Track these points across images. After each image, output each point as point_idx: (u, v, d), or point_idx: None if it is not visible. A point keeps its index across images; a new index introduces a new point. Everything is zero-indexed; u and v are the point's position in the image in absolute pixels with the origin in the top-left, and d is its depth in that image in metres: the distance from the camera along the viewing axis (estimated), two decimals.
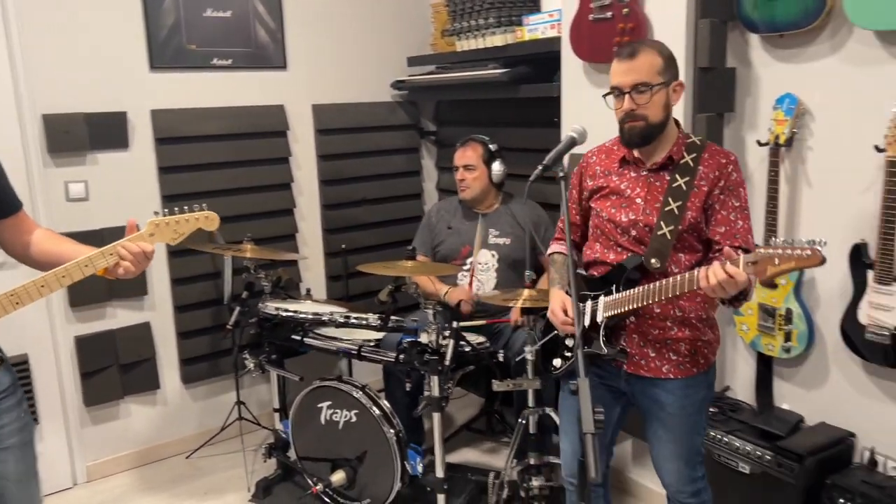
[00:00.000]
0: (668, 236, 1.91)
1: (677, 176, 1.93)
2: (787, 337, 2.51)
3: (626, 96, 1.90)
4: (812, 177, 2.46)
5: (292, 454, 3.03)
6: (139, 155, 3.28)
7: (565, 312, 2.02)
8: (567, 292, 2.09)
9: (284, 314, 2.95)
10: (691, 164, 1.92)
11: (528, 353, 2.67)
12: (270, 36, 3.53)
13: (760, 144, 2.50)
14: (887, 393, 2.35)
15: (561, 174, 1.80)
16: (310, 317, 2.94)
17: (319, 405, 2.86)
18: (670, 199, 1.92)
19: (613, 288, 1.97)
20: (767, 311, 2.54)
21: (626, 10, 2.58)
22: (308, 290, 3.42)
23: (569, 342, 2.10)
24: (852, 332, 2.32)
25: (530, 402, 2.71)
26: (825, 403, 2.52)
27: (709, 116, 2.57)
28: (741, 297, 1.76)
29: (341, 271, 3.82)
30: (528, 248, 3.16)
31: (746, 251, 1.81)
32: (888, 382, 2.35)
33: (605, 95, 1.97)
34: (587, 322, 2.01)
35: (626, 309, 1.93)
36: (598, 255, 2.06)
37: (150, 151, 3.30)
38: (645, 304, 1.89)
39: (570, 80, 2.95)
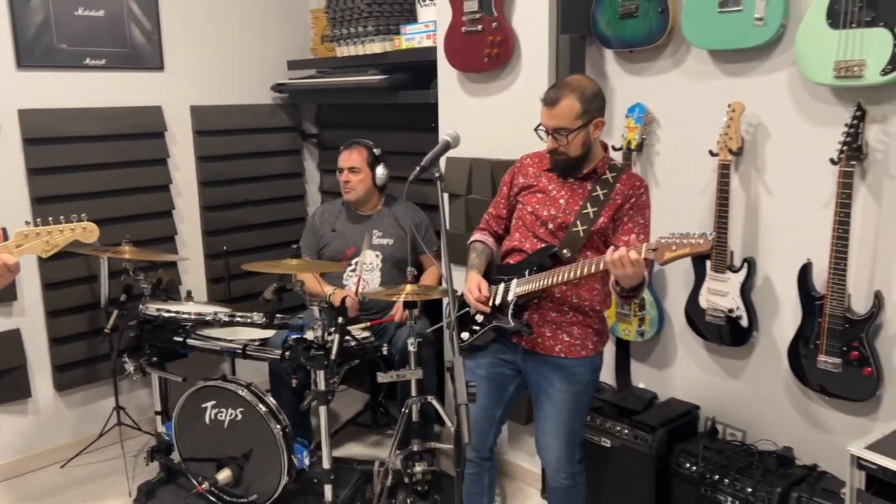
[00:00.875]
0: (581, 234, 2.17)
1: (598, 187, 2.19)
2: (641, 322, 2.79)
3: (550, 136, 2.15)
4: (660, 178, 2.75)
5: (176, 456, 3.02)
6: (6, 156, 3.15)
7: (481, 293, 2.22)
8: (488, 277, 2.30)
9: (167, 315, 2.94)
10: (611, 180, 2.20)
11: (411, 346, 2.81)
12: (146, 37, 3.49)
13: (615, 149, 2.76)
14: (725, 369, 2.67)
15: (437, 175, 1.95)
16: (193, 317, 2.95)
17: (204, 405, 2.87)
18: (588, 205, 2.18)
19: (527, 272, 2.20)
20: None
21: (495, 24, 2.78)
22: (189, 293, 3.40)
23: (478, 318, 2.29)
24: (695, 315, 2.63)
25: (413, 392, 2.86)
26: (674, 380, 2.83)
27: None
28: (638, 289, 2.03)
29: (223, 273, 3.82)
30: (409, 248, 3.31)
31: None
32: (725, 359, 2.67)
33: (536, 129, 2.19)
34: (498, 300, 2.22)
35: (536, 287, 2.16)
36: (517, 244, 2.29)
37: (18, 152, 3.18)
38: (554, 283, 2.12)
39: (446, 87, 3.12)
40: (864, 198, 2.22)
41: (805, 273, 2.32)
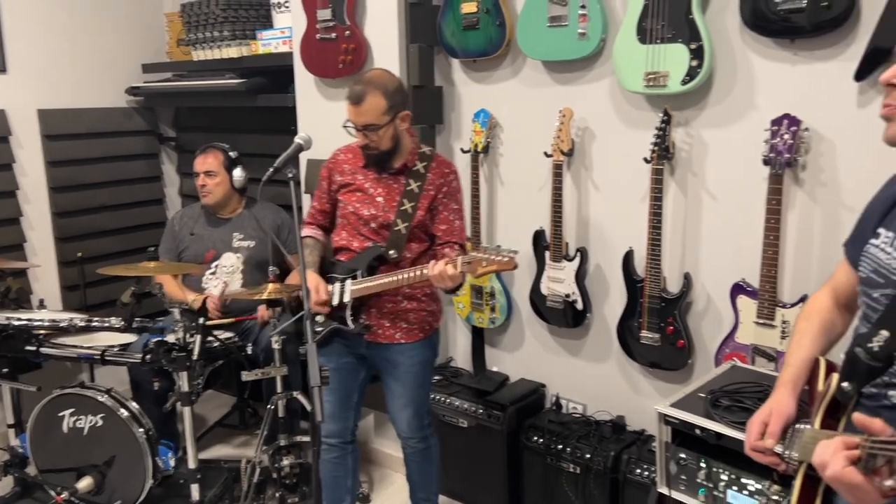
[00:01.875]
0: (403, 231, 2.30)
1: (411, 181, 2.33)
2: (493, 310, 3.02)
3: (360, 132, 2.25)
4: (504, 178, 2.99)
5: (32, 469, 2.93)
6: None
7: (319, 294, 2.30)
8: (324, 275, 2.39)
9: (17, 323, 2.85)
10: (422, 171, 2.33)
11: (275, 343, 2.88)
12: None
13: (464, 152, 2.97)
14: (566, 349, 2.95)
15: (290, 176, 2.04)
16: (47, 324, 2.88)
17: (61, 414, 2.81)
18: (405, 200, 2.31)
19: (359, 273, 2.32)
20: (477, 290, 3.03)
21: (348, 32, 2.92)
22: (41, 301, 3.30)
23: (319, 318, 2.38)
24: (538, 301, 2.88)
25: (278, 389, 2.93)
26: (523, 362, 3.08)
27: (423, 128, 3.00)
28: (458, 287, 2.20)
29: (78, 281, 3.72)
30: (271, 250, 3.36)
31: (462, 245, 2.29)
32: (566, 340, 2.94)
33: (344, 126, 2.28)
34: (336, 302, 2.33)
35: (369, 292, 2.28)
36: (345, 243, 2.40)
37: None
38: (383, 288, 2.25)
39: (304, 92, 3.22)
40: (674, 192, 2.55)
41: (628, 259, 2.62)
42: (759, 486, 1.86)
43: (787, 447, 1.46)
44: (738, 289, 2.38)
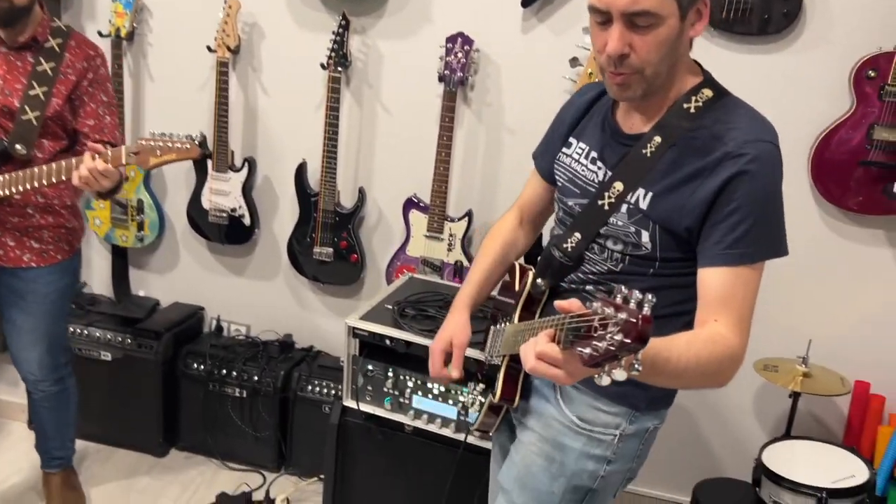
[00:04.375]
0: (34, 122, 1.85)
1: (42, 59, 1.86)
2: (140, 227, 2.63)
3: None
4: (154, 71, 2.58)
5: None
6: None
7: None
8: None
9: None
10: (57, 49, 1.88)
11: None
12: None
13: (102, 36, 2.47)
14: (228, 267, 2.73)
15: None
16: None
17: None
18: (35, 84, 1.85)
19: None
20: (120, 204, 2.60)
21: None
22: None
23: None
24: (198, 216, 2.59)
25: None
26: (178, 284, 2.77)
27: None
28: (115, 189, 1.84)
29: None
30: None
31: (114, 145, 1.88)
32: (228, 258, 2.71)
33: None
34: None
35: None
36: None
37: None
38: (12, 191, 1.81)
39: None
40: (350, 103, 2.46)
41: (301, 172, 2.48)
42: (441, 390, 1.95)
43: (491, 349, 1.54)
44: (410, 203, 2.43)
